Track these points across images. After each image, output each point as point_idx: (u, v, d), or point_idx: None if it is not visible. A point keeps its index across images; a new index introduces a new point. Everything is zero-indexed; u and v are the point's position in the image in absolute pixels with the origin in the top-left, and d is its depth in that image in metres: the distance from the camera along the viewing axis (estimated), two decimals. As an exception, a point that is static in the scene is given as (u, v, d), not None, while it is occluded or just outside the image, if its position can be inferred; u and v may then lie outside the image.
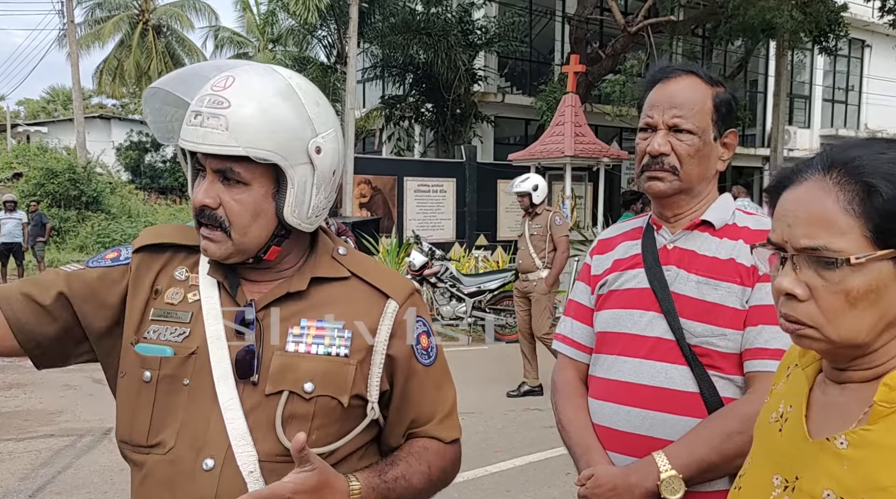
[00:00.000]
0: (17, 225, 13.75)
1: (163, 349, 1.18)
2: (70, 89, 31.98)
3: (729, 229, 1.48)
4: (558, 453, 4.91)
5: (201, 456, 1.13)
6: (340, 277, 1.24)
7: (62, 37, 24.33)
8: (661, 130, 1.46)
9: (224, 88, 1.13)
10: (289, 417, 1.14)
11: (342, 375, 1.18)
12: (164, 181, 30.69)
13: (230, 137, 1.11)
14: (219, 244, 1.17)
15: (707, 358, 1.40)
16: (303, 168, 1.16)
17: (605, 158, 12.55)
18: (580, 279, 1.66)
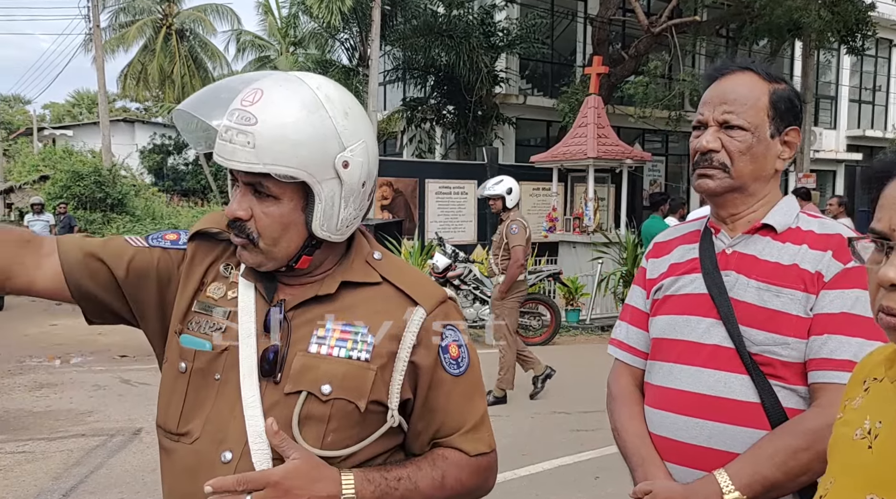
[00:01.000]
0: (44, 227, 13.94)
1: (202, 343, 1.22)
2: (95, 93, 32.38)
3: (792, 233, 1.43)
4: (588, 456, 4.88)
5: (221, 448, 1.16)
6: (372, 283, 1.25)
7: (88, 41, 24.66)
8: (711, 127, 1.43)
9: (252, 103, 1.14)
10: (305, 417, 1.16)
11: (361, 379, 1.18)
12: (186, 183, 30.98)
13: (256, 155, 1.12)
14: (252, 254, 1.20)
15: (769, 367, 1.35)
16: (330, 183, 1.17)
17: (629, 159, 12.47)
18: (636, 283, 1.62)
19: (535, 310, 9.14)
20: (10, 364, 7.77)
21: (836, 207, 9.32)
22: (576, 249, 12.26)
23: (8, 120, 45.45)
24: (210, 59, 28.72)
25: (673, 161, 20.87)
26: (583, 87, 14.38)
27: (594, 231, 12.03)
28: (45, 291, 1.25)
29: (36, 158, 30.24)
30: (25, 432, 5.40)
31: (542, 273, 9.55)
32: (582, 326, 10.21)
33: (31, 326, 10.18)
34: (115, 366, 7.66)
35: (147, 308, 1.28)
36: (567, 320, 10.02)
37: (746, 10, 13.88)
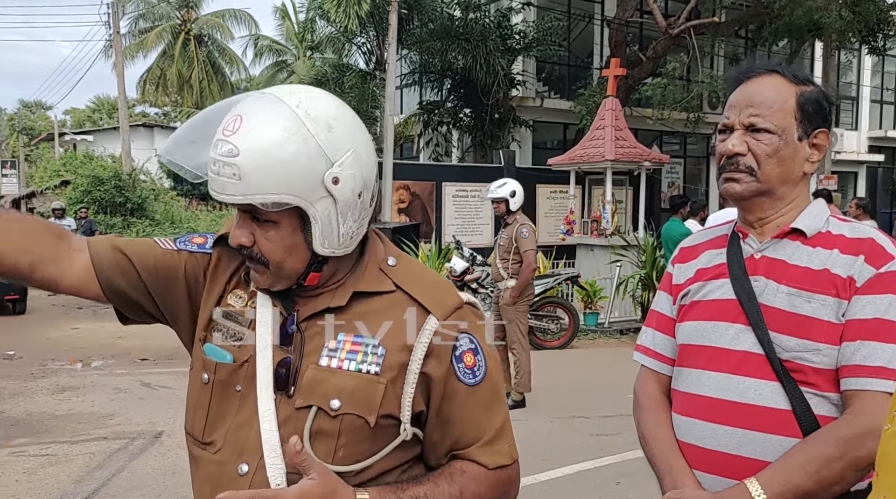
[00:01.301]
0: (66, 231, 14.10)
1: (224, 355, 1.22)
2: (115, 99, 32.76)
3: (822, 238, 1.40)
4: (608, 461, 4.85)
5: (239, 460, 1.17)
6: (385, 291, 1.22)
7: (108, 47, 24.97)
8: (737, 130, 1.41)
9: (233, 133, 1.12)
10: (316, 432, 1.15)
11: (370, 393, 1.16)
12: (204, 188, 30.99)
13: (244, 187, 1.11)
14: (262, 276, 1.20)
15: (800, 374, 1.33)
16: (323, 202, 1.14)
17: (647, 161, 12.40)
18: (661, 289, 1.60)
19: (552, 313, 9.10)
20: (32, 367, 7.86)
21: (855, 210, 9.12)
22: (593, 251, 12.20)
23: (30, 126, 46.09)
24: (228, 64, 28.99)
25: (691, 163, 20.73)
26: (600, 90, 14.32)
27: (612, 234, 11.96)
28: (73, 286, 1.25)
29: (57, 163, 30.62)
30: (48, 435, 5.45)
31: (559, 276, 9.51)
32: (600, 329, 10.16)
33: (52, 330, 10.29)
34: (136, 369, 7.73)
35: (178, 311, 1.29)
36: (585, 324, 9.97)
37: (766, 11, 13.75)
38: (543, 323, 8.95)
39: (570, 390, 6.83)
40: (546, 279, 9.23)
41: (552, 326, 8.99)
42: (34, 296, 12.93)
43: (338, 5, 15.28)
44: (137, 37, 27.22)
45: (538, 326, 8.92)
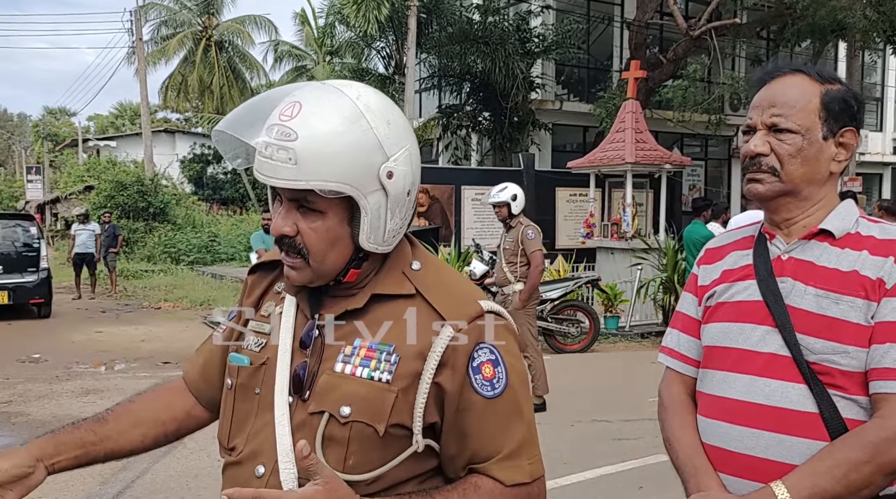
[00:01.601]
0: (90, 236, 14.28)
1: (242, 359, 1.25)
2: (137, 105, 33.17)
3: (851, 239, 1.38)
4: (630, 465, 4.81)
5: (256, 462, 1.17)
6: (405, 295, 1.19)
7: (130, 54, 25.29)
8: (759, 131, 1.40)
9: (291, 118, 1.10)
10: (328, 439, 1.13)
11: (380, 401, 1.12)
12: (225, 192, 31.49)
13: (299, 172, 1.08)
14: (299, 271, 1.17)
15: (827, 376, 1.31)
16: (375, 195, 1.13)
17: (667, 164, 12.32)
18: (687, 290, 1.59)
19: (573, 317, 9.05)
20: (58, 370, 7.96)
21: (878, 212, 8.94)
22: (614, 255, 12.13)
23: (54, 132, 46.81)
24: (248, 70, 29.24)
25: (713, 165, 20.57)
26: (620, 92, 14.25)
27: (632, 237, 11.89)
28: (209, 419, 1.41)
29: (81, 169, 31.07)
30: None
31: (579, 280, 9.46)
32: (621, 333, 10.09)
33: (77, 334, 10.42)
34: (159, 372, 7.79)
35: None
36: (606, 327, 9.91)
37: (788, 12, 13.61)
38: (564, 327, 8.90)
39: (592, 394, 6.78)
40: (566, 283, 9.19)
41: (572, 329, 8.95)
42: (59, 300, 13.12)
43: (357, 10, 15.37)
44: (160, 43, 27.55)
45: (558, 329, 8.88)
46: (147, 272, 18.04)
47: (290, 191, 1.12)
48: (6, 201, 39.15)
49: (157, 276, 17.65)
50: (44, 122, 51.01)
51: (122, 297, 14.69)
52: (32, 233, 12.24)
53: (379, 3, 15.33)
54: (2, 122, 69.45)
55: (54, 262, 15.22)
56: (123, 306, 13.47)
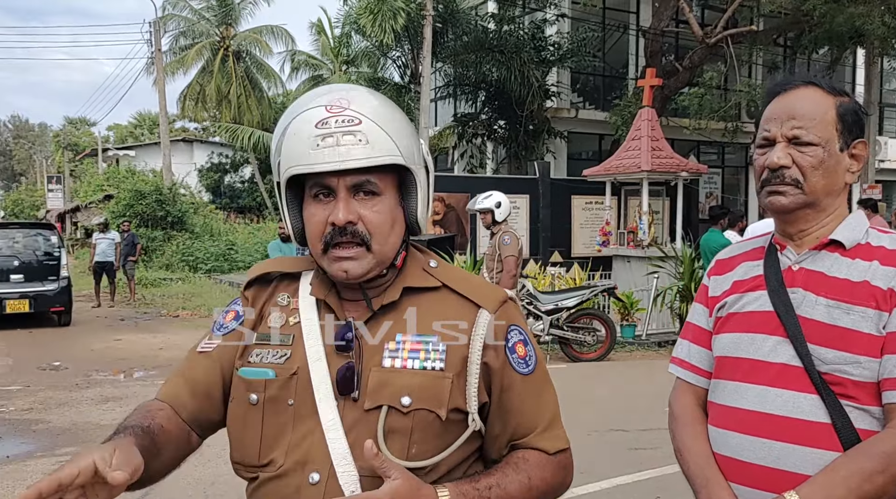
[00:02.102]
0: (109, 245, 14.44)
1: (265, 372, 1.22)
2: (156, 114, 33.54)
3: (861, 249, 1.39)
4: (646, 475, 4.78)
5: (307, 470, 1.16)
6: (431, 288, 1.26)
7: (149, 65, 25.58)
8: (779, 143, 1.39)
9: (346, 108, 1.16)
10: (388, 431, 1.16)
11: (439, 388, 1.18)
12: (242, 201, 31.74)
13: (372, 149, 1.15)
14: (359, 261, 1.19)
15: (839, 387, 1.31)
16: (422, 171, 1.23)
17: (684, 172, 12.26)
18: (697, 301, 1.59)
19: (589, 325, 9.02)
20: (77, 378, 8.04)
21: None
22: (630, 263, 12.08)
23: (75, 142, 47.42)
24: (265, 79, 29.43)
25: (729, 173, 20.46)
26: (636, 100, 14.23)
27: (649, 245, 11.84)
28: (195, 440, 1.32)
29: (101, 178, 31.42)
30: (93, 444, 5.56)
31: (596, 288, 9.43)
32: (638, 341, 10.04)
33: (97, 342, 10.52)
34: (177, 380, 7.85)
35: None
36: (622, 336, 9.86)
37: (805, 19, 13.54)
38: (580, 335, 8.87)
39: (608, 403, 6.75)
40: (582, 291, 9.16)
41: (589, 338, 8.92)
42: (78, 308, 13.26)
43: (373, 20, 15.46)
44: (178, 54, 27.82)
45: (574, 338, 8.85)
46: (165, 280, 18.19)
47: (351, 178, 1.16)
48: (28, 210, 39.68)
49: (175, 284, 17.80)
50: (64, 132, 51.69)
51: (140, 305, 14.82)
52: (53, 242, 12.39)
53: (395, 13, 15.42)
54: (23, 132, 70.47)
55: (74, 270, 15.39)
56: (142, 315, 13.59)
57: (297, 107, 1.20)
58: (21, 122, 72.93)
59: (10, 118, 73.69)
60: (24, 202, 43.10)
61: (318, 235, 1.19)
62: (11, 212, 39.27)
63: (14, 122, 73.16)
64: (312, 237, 1.21)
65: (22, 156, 66.36)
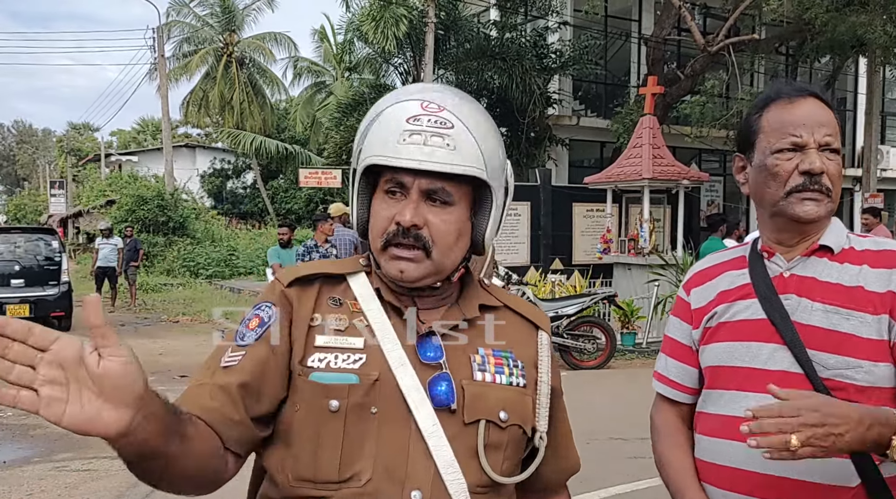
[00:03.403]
0: (112, 250, 14.46)
1: (347, 377, 1.11)
2: (159, 120, 33.62)
3: (848, 254, 1.39)
4: (646, 484, 4.76)
5: (407, 488, 1.08)
6: (496, 306, 1.25)
7: (153, 71, 25.66)
8: (812, 149, 1.36)
9: (441, 109, 1.13)
10: (487, 446, 1.13)
11: (525, 404, 1.18)
12: (244, 207, 31.78)
13: (457, 156, 1.11)
14: (418, 264, 1.14)
15: (842, 392, 1.30)
16: (501, 191, 1.20)
17: (685, 180, 12.26)
18: (674, 314, 1.58)
19: (589, 333, 9.00)
20: (76, 383, 8.03)
21: None
22: (631, 271, 12.06)
23: (78, 147, 47.55)
24: (268, 86, 29.51)
25: (731, 181, 20.41)
26: (637, 108, 14.24)
27: (650, 253, 11.83)
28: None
29: (103, 184, 31.48)
30: (90, 450, 5.55)
31: (596, 296, 9.42)
32: (638, 349, 10.02)
33: (96, 346, 10.50)
34: (176, 385, 7.83)
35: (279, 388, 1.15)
36: (623, 344, 9.84)
37: (807, 27, 13.55)
38: (580, 343, 8.85)
39: (608, 412, 6.72)
40: (582, 298, 9.15)
41: (588, 345, 8.90)
42: (79, 313, 13.25)
43: (376, 27, 15.51)
44: (181, 60, 27.90)
45: (574, 345, 8.83)
46: (166, 286, 18.21)
47: (427, 181, 1.12)
48: (30, 215, 39.75)
49: (176, 289, 17.80)
50: (68, 137, 51.82)
51: (140, 310, 14.83)
52: (54, 246, 12.40)
53: (397, 20, 15.47)
54: (27, 137, 70.67)
55: (76, 275, 15.41)
56: (142, 320, 13.59)
57: (391, 98, 1.18)
58: (25, 127, 73.16)
59: (14, 123, 73.98)
60: (26, 207, 43.19)
61: (381, 231, 1.15)
62: (14, 217, 39.35)
63: (18, 127, 73.40)
64: (375, 231, 1.16)
65: (25, 161, 66.54)
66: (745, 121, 1.49)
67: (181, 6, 27.58)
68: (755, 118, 1.44)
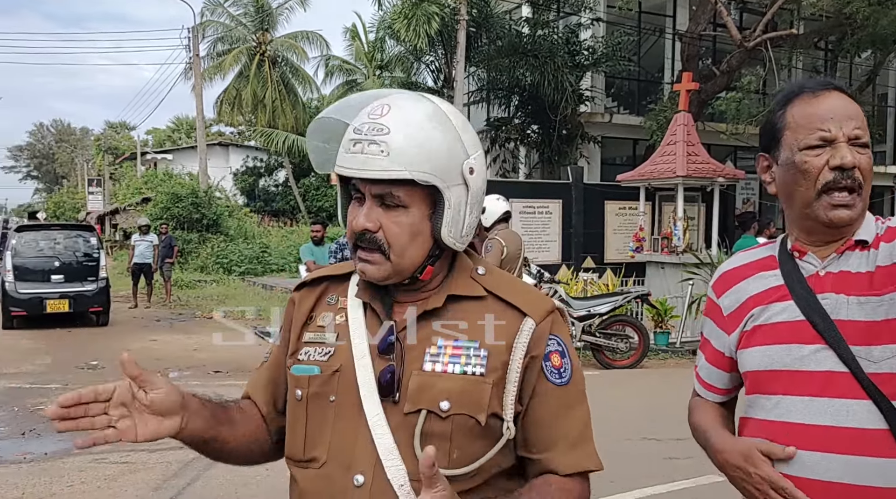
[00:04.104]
0: (148, 247, 14.70)
1: (311, 368, 1.24)
2: (193, 119, 34.06)
3: (877, 240, 1.35)
4: (681, 486, 4.70)
5: (351, 472, 1.16)
6: (477, 296, 1.25)
7: (187, 70, 26.00)
8: (842, 142, 1.32)
9: (381, 116, 1.17)
10: (427, 435, 1.15)
11: (478, 393, 1.18)
12: (276, 204, 32.05)
13: (391, 162, 1.14)
14: (377, 266, 1.20)
15: (890, 385, 1.26)
16: (458, 189, 1.20)
17: (720, 177, 12.08)
18: (707, 315, 1.56)
19: (622, 332, 8.92)
20: (114, 377, 8.10)
21: None
22: (664, 269, 11.92)
23: (115, 145, 48.41)
24: (300, 84, 29.71)
25: (767, 179, 20.11)
26: (671, 105, 14.06)
27: (684, 251, 11.68)
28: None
29: (139, 182, 32.03)
30: (128, 444, 5.64)
31: (629, 294, 9.33)
32: (672, 349, 9.90)
33: (134, 341, 10.70)
34: (210, 381, 7.94)
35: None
36: (656, 343, 9.73)
37: (847, 22, 13.25)
38: (612, 342, 8.78)
39: (641, 411, 6.66)
40: (615, 297, 9.07)
41: (621, 345, 8.81)
42: (116, 308, 13.51)
43: (408, 24, 15.53)
44: (215, 59, 28.22)
45: (607, 344, 8.76)
46: (200, 282, 18.45)
47: (375, 187, 1.17)
48: (69, 212, 40.62)
49: (210, 286, 18.03)
50: (105, 135, 52.83)
51: (175, 306, 15.05)
52: (92, 243, 12.65)
53: (429, 18, 15.46)
54: (66, 136, 72.18)
55: (112, 271, 15.68)
56: (177, 315, 13.79)
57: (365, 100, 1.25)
58: (63, 126, 74.75)
59: (53, 122, 75.65)
60: (65, 204, 44.14)
61: (351, 236, 1.22)
62: (53, 214, 40.23)
63: (57, 126, 75.02)
64: (348, 236, 1.23)
65: (64, 159, 67.95)
66: (767, 118, 1.44)
67: (215, 6, 27.90)
68: (779, 115, 1.40)
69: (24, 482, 4.82)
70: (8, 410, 6.78)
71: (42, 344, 10.49)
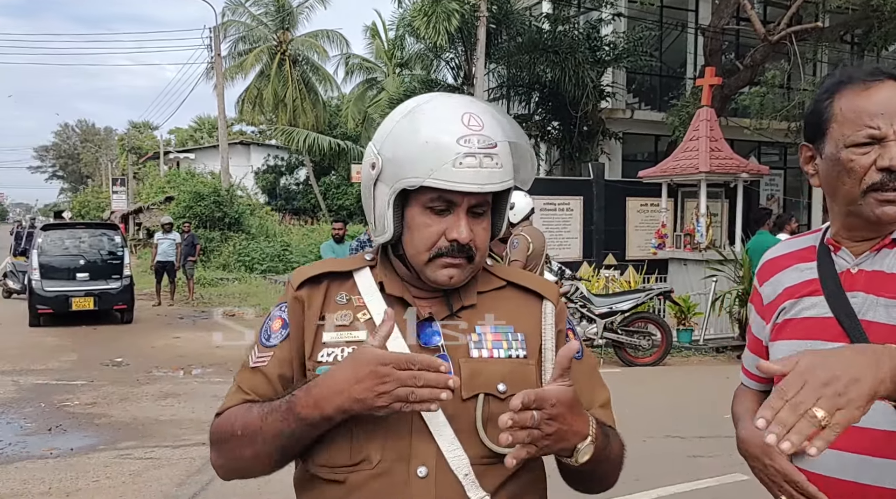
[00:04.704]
0: (171, 245, 14.84)
1: None
2: (215, 118, 34.33)
3: None
4: (705, 484, 4.65)
5: (413, 465, 1.17)
6: (497, 287, 1.31)
7: (209, 69, 26.22)
8: (892, 141, 1.24)
9: (482, 127, 1.18)
10: (487, 419, 1.18)
11: (527, 374, 1.23)
12: (297, 203, 32.24)
13: (504, 173, 1.20)
14: (463, 269, 1.23)
15: None
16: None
17: (744, 173, 11.94)
18: (751, 301, 1.56)
19: (644, 329, 8.85)
20: (138, 374, 8.27)
21: None
22: (687, 266, 11.81)
23: (138, 145, 48.94)
24: (320, 83, 29.85)
25: (792, 175, 19.82)
26: (694, 100, 13.91)
27: (707, 248, 11.56)
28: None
29: (162, 180, 32.35)
30: (152, 439, 5.70)
31: (651, 291, 9.25)
32: (695, 346, 9.80)
33: (157, 339, 10.81)
34: (231, 378, 8.00)
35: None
36: (679, 341, 9.65)
37: (875, 14, 13.00)
38: (634, 339, 8.71)
39: (664, 409, 6.60)
40: (637, 294, 9.00)
41: (643, 342, 8.74)
42: (140, 306, 13.65)
43: (427, 22, 15.50)
44: (237, 58, 28.43)
45: (629, 342, 8.69)
46: (222, 280, 18.60)
47: (476, 198, 1.19)
48: (93, 211, 41.16)
49: (232, 284, 18.17)
50: (128, 135, 53.42)
51: (198, 304, 15.19)
52: (117, 241, 12.80)
53: (449, 15, 15.43)
54: (90, 136, 73.15)
55: (136, 269, 15.86)
56: (200, 313, 13.91)
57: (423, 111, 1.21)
58: (88, 126, 75.77)
59: (78, 123, 76.74)
60: (90, 203, 44.72)
61: (430, 245, 1.21)
62: (78, 213, 40.76)
63: (81, 126, 76.06)
64: (421, 245, 1.21)
65: (89, 159, 68.87)
66: (813, 107, 1.37)
67: (237, 6, 28.10)
68: (825, 105, 1.32)
69: (50, 477, 4.88)
70: (35, 406, 6.88)
71: (68, 341, 10.63)
